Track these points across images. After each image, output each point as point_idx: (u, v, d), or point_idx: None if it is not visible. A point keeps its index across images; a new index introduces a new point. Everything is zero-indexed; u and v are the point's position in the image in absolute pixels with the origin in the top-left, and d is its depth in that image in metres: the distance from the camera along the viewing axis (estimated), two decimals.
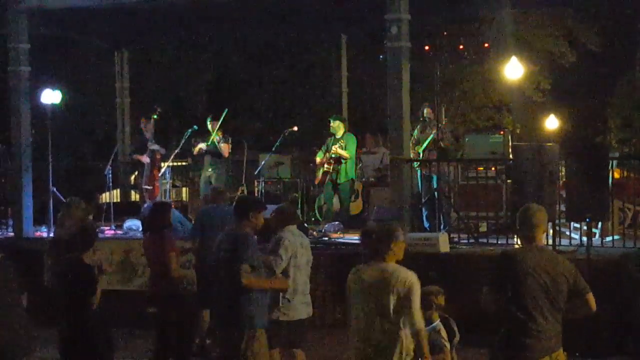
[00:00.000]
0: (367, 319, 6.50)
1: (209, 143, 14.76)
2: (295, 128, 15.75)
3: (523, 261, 6.18)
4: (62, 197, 14.52)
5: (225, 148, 14.74)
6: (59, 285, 8.12)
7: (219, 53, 26.23)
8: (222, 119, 14.72)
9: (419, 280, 6.51)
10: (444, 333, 7.31)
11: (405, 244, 6.72)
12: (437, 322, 7.36)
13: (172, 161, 15.51)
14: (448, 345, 7.26)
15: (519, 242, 8.61)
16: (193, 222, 10.79)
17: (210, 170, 14.88)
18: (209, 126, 14.87)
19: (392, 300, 6.38)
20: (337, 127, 14.29)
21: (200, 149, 14.91)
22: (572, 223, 11.69)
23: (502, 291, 6.21)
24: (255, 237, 7.69)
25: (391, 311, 6.39)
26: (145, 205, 14.39)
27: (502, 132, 14.41)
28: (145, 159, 15.31)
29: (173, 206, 12.00)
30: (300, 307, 8.30)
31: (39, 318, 11.21)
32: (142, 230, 9.87)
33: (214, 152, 14.79)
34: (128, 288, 12.18)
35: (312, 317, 8.64)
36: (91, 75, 24.10)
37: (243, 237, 7.48)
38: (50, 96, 14.84)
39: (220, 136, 14.81)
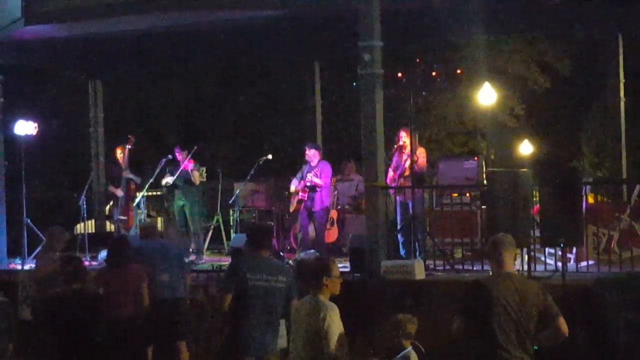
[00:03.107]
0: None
1: (175, 176, 14.73)
2: (270, 156, 15.70)
3: (492, 290, 6.20)
4: (35, 229, 14.42)
5: (196, 176, 14.81)
6: (65, 317, 8.00)
7: (192, 81, 26.24)
8: (191, 153, 14.81)
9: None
10: (414, 359, 7.28)
11: (340, 280, 6.85)
12: (409, 349, 7.34)
13: (147, 191, 15.45)
14: None
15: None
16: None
17: (183, 200, 14.85)
18: (177, 156, 14.89)
19: None
20: (313, 155, 14.26)
21: (167, 182, 14.88)
22: (546, 248, 11.71)
23: (472, 320, 6.24)
24: None
25: None
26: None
27: (476, 158, 14.45)
28: (119, 192, 15.28)
29: None
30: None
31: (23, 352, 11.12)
32: (109, 263, 9.73)
33: (186, 180, 14.78)
34: None
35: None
36: (65, 105, 24.01)
37: (287, 269, 7.91)
38: (24, 127, 14.78)
39: (192, 165, 14.84)
